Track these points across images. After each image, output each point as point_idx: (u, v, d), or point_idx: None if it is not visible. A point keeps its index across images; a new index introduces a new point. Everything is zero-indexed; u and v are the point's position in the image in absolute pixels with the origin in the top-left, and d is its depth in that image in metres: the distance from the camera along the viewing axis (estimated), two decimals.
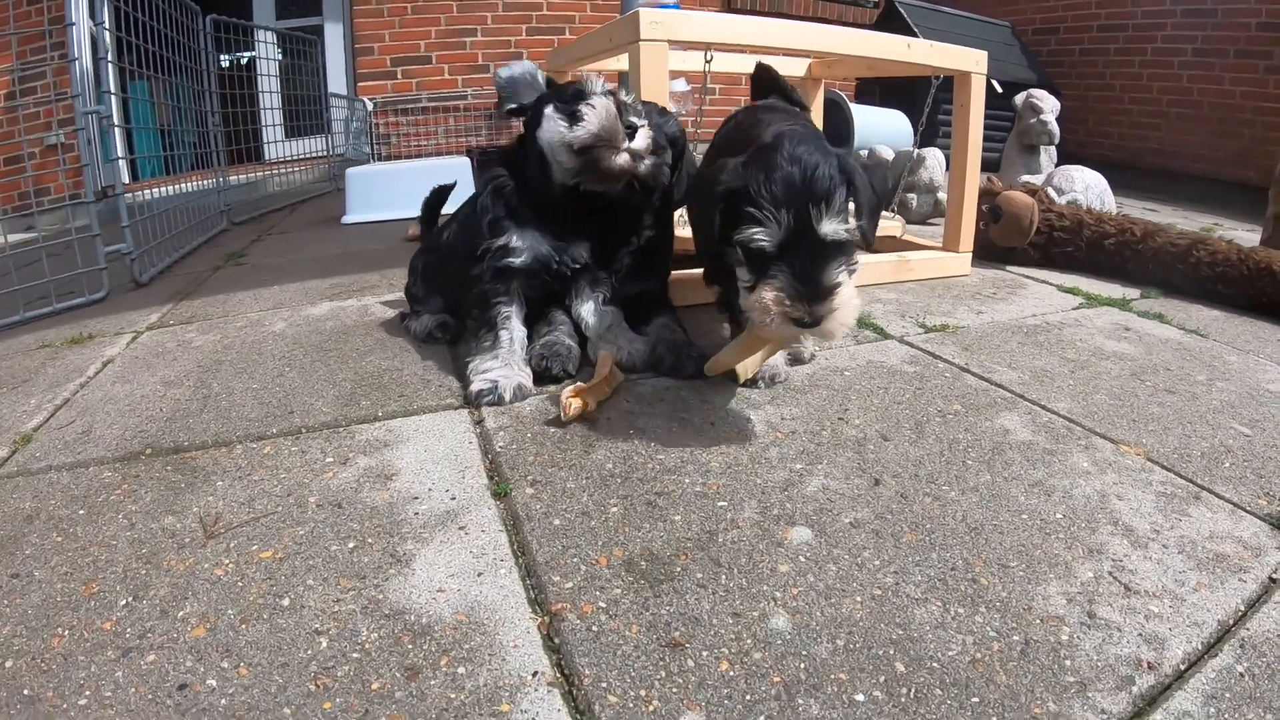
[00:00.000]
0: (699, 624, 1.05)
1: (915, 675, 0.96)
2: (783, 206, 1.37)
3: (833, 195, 1.37)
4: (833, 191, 1.37)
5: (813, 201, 1.36)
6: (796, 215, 1.37)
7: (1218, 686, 0.96)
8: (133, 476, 1.45)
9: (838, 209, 1.38)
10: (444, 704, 0.92)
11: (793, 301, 1.37)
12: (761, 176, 1.39)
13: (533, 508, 1.31)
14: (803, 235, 1.37)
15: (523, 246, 1.80)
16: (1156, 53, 5.85)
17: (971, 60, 2.58)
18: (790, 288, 1.37)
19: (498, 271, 1.79)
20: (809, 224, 1.37)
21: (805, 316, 1.36)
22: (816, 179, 1.38)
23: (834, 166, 1.40)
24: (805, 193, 1.37)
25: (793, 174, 1.38)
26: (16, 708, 0.92)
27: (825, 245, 1.38)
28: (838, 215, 1.38)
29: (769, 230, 1.38)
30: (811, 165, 1.39)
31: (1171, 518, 1.30)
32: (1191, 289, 2.64)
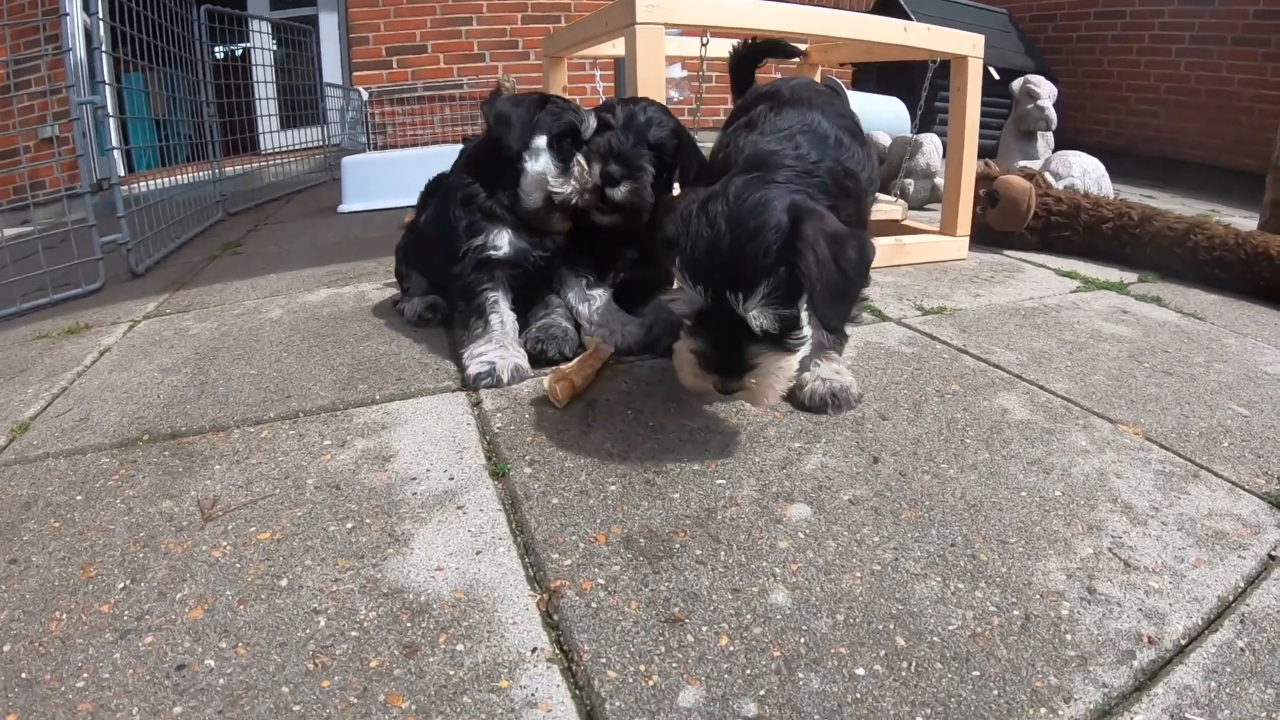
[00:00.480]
0: (698, 600, 1.04)
1: (916, 649, 0.97)
2: (699, 283, 1.22)
3: (757, 282, 1.19)
4: (760, 276, 1.19)
5: (731, 286, 1.20)
6: (715, 294, 1.22)
7: (1218, 661, 0.96)
8: (130, 462, 1.45)
9: (762, 297, 1.20)
10: (443, 680, 0.92)
11: (703, 369, 1.28)
12: (688, 239, 1.23)
13: (531, 487, 1.31)
14: (725, 308, 1.22)
15: (502, 242, 1.82)
16: (1154, 40, 5.83)
17: (969, 44, 2.57)
18: (703, 354, 1.27)
19: (479, 263, 1.81)
20: (727, 302, 1.21)
21: (716, 385, 1.29)
22: (744, 257, 1.19)
23: (776, 238, 1.20)
24: (727, 271, 1.20)
25: (720, 243, 1.20)
26: (15, 690, 0.92)
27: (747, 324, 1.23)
28: (764, 302, 1.20)
29: (688, 298, 1.26)
30: (746, 235, 1.19)
31: (1170, 495, 1.30)
32: (1189, 273, 2.64)
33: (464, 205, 1.85)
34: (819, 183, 1.37)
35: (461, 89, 5.88)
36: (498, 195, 1.83)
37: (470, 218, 1.83)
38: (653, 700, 0.89)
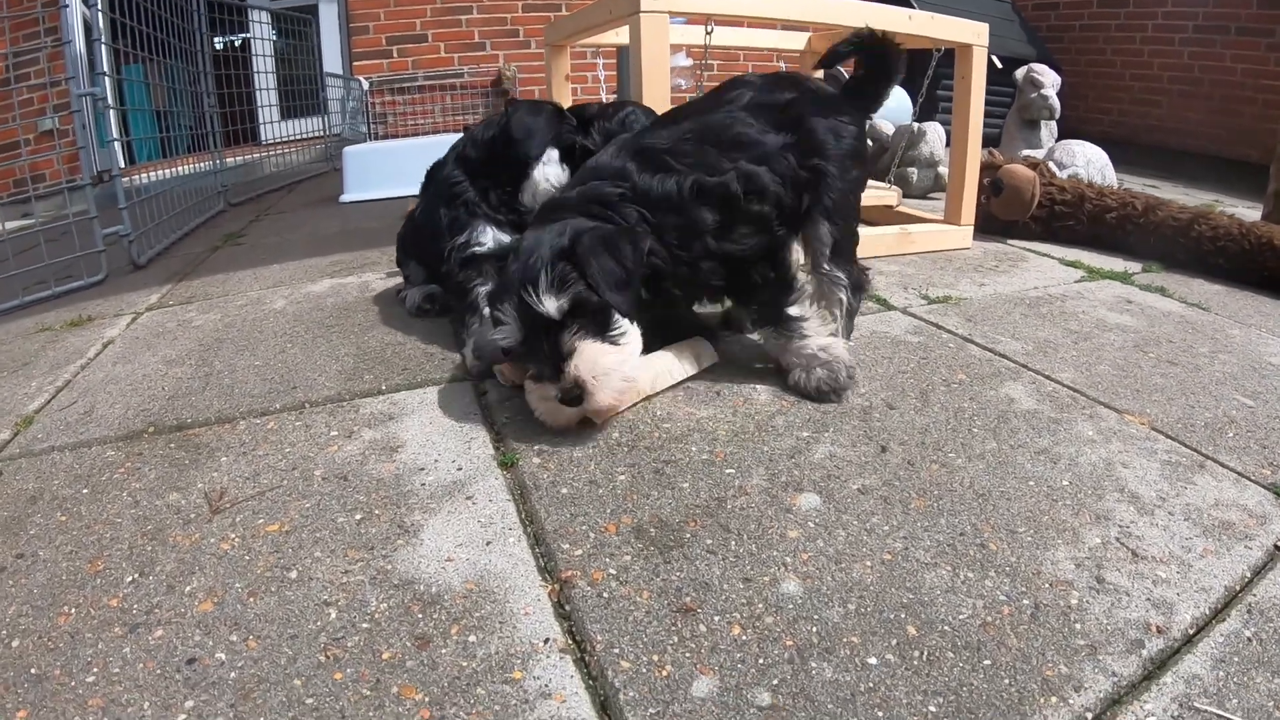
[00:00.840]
0: (710, 589, 1.04)
1: (927, 638, 0.97)
2: (505, 302, 1.39)
3: (537, 272, 1.35)
4: (541, 269, 1.36)
5: (524, 287, 1.36)
6: (519, 303, 1.37)
7: (1226, 650, 0.96)
8: (136, 455, 1.44)
9: (548, 283, 1.35)
10: (456, 672, 0.92)
11: (540, 385, 1.39)
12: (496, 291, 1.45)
13: (540, 477, 1.31)
14: (530, 318, 1.37)
15: (486, 239, 1.84)
16: (1157, 29, 5.81)
17: (973, 32, 2.56)
18: (540, 369, 1.39)
19: (465, 260, 1.82)
20: (531, 308, 1.36)
21: (556, 393, 1.36)
22: (530, 266, 1.37)
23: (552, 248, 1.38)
24: (521, 280, 1.37)
25: (514, 276, 1.39)
26: (24, 686, 0.92)
27: (554, 322, 1.36)
28: (551, 287, 1.35)
29: (505, 332, 1.40)
30: (528, 250, 1.39)
31: (1177, 485, 1.31)
32: (1193, 263, 2.63)
33: (448, 202, 1.85)
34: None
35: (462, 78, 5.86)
36: (487, 193, 1.84)
37: (454, 213, 1.84)
38: (666, 690, 0.89)
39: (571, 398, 1.36)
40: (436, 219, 1.92)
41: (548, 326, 1.36)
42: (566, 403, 1.36)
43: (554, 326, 1.36)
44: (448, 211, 1.86)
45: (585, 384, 1.35)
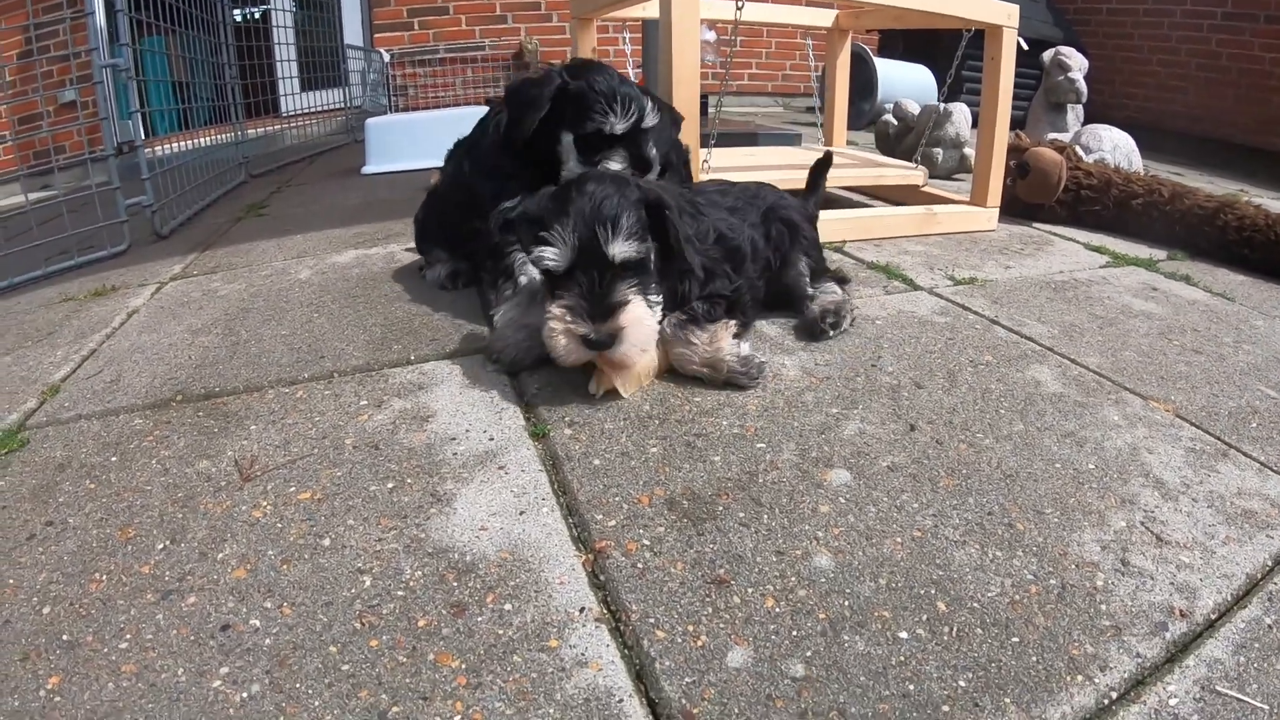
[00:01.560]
0: (743, 562, 1.05)
1: (956, 614, 0.97)
2: (563, 226, 1.38)
3: (621, 218, 1.38)
4: (620, 213, 1.38)
5: (600, 225, 1.37)
6: (584, 234, 1.38)
7: (1247, 637, 0.97)
8: (164, 423, 1.45)
9: (626, 230, 1.38)
10: (492, 640, 0.93)
11: (575, 318, 1.38)
12: (567, 204, 1.41)
13: (572, 448, 1.32)
14: (594, 254, 1.38)
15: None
16: (1186, 14, 5.72)
17: (1004, 14, 2.53)
18: (575, 302, 1.38)
19: (506, 223, 1.80)
20: (597, 246, 1.37)
21: (590, 333, 1.37)
22: (611, 208, 1.39)
23: (632, 197, 1.42)
24: (598, 218, 1.38)
25: (590, 204, 1.40)
26: (57, 653, 0.92)
27: (617, 267, 1.39)
28: (627, 235, 1.38)
29: (557, 253, 1.39)
30: (599, 193, 1.41)
31: (1201, 473, 1.31)
32: (1218, 252, 2.61)
33: (489, 175, 1.84)
34: None
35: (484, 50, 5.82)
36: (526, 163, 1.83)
37: (497, 184, 1.83)
38: (702, 660, 0.90)
39: (602, 342, 1.37)
40: (467, 190, 1.91)
41: (602, 267, 1.38)
42: (593, 344, 1.38)
43: (610, 270, 1.38)
44: (492, 184, 1.85)
45: (624, 339, 1.37)
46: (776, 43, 6.97)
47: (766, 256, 1.76)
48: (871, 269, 2.31)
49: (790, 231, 1.83)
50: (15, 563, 1.08)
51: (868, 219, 2.64)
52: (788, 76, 7.20)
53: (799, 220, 1.87)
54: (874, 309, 1.96)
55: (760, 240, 1.74)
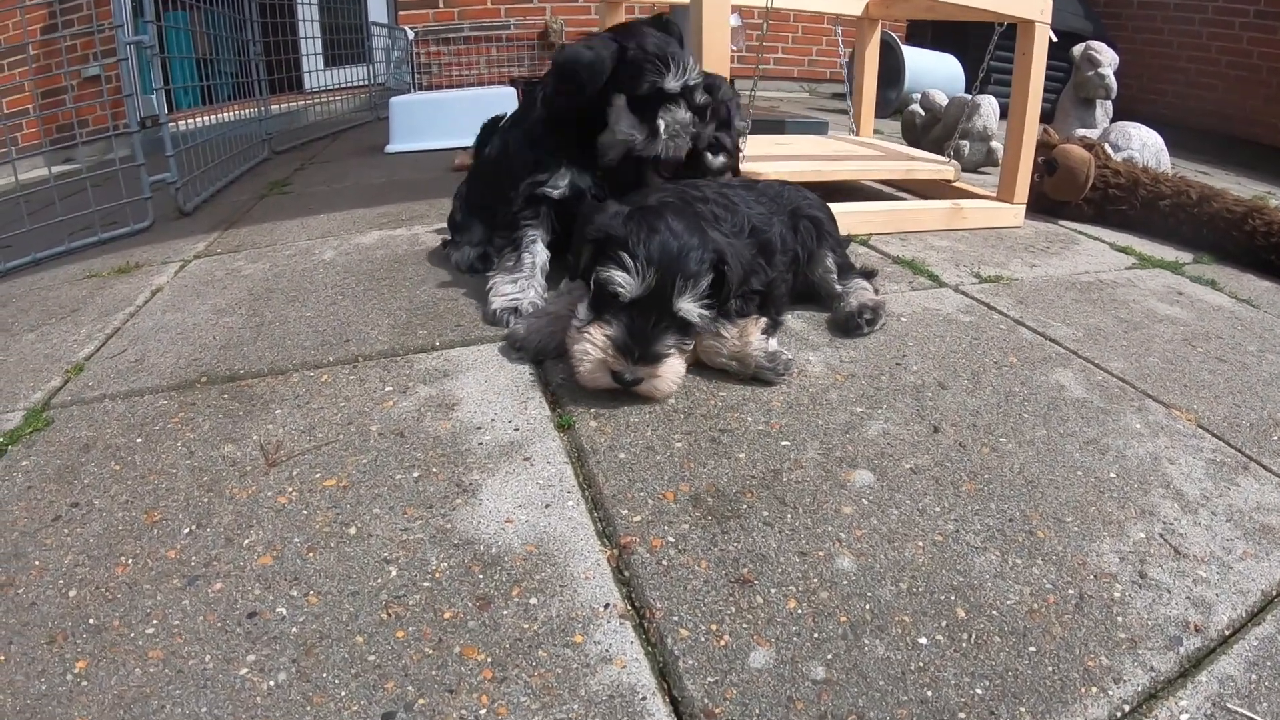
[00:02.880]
0: (766, 561, 1.06)
1: (975, 621, 0.98)
2: (641, 259, 1.37)
3: (699, 276, 1.38)
4: (700, 273, 1.39)
5: (680, 275, 1.37)
6: (658, 277, 1.37)
7: (1259, 654, 0.97)
8: (189, 405, 1.46)
9: (698, 291, 1.39)
10: (517, 634, 0.94)
11: (617, 353, 1.37)
12: (643, 234, 1.39)
13: (597, 441, 1.32)
14: (659, 298, 1.38)
15: (561, 183, 1.82)
16: (1218, 11, 5.62)
17: (1037, 8, 2.49)
18: (622, 339, 1.37)
19: (531, 198, 1.81)
20: (667, 292, 1.37)
21: (625, 372, 1.37)
22: (685, 255, 1.38)
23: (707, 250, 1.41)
24: (676, 264, 1.37)
25: (668, 242, 1.38)
26: (83, 637, 0.94)
27: (673, 317, 1.39)
28: (696, 296, 1.39)
29: (626, 282, 1.37)
30: (683, 243, 1.39)
31: (1221, 485, 1.30)
32: (1244, 257, 2.59)
33: (532, 144, 1.84)
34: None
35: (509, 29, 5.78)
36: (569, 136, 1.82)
37: (537, 154, 1.82)
38: (724, 660, 0.91)
39: (629, 383, 1.39)
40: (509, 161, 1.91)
41: (662, 313, 1.38)
42: (621, 380, 1.39)
43: (667, 319, 1.39)
44: (532, 151, 1.85)
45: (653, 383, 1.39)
46: (803, 27, 6.90)
47: (794, 250, 1.76)
48: (897, 263, 2.30)
49: (816, 229, 1.83)
50: (41, 544, 1.09)
51: (894, 212, 2.62)
52: (814, 62, 7.13)
53: (824, 218, 1.88)
54: (899, 305, 1.96)
55: (789, 235, 1.74)
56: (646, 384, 1.39)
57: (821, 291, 1.87)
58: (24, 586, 1.02)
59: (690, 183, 1.73)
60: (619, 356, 1.37)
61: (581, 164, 1.86)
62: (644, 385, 1.39)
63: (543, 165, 1.81)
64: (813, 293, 1.88)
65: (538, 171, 1.82)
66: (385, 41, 5.61)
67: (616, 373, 1.38)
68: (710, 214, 1.56)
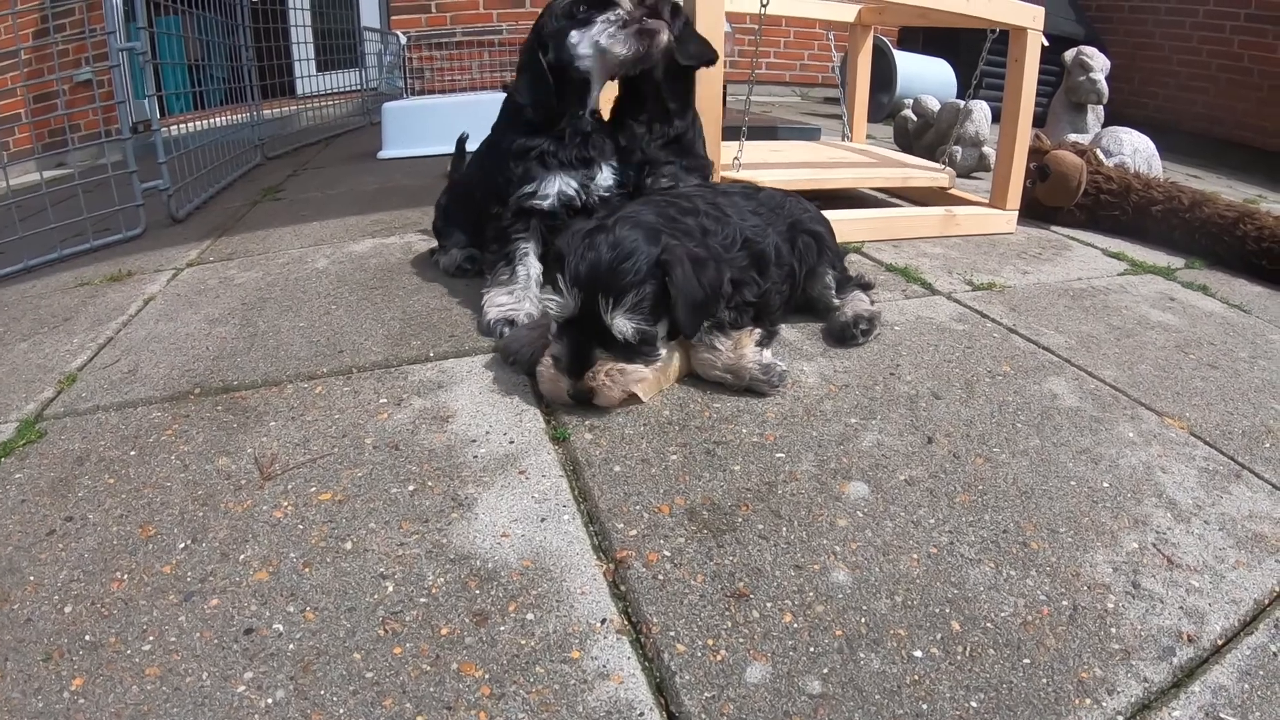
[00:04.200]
0: (762, 575, 1.06)
1: (970, 634, 0.98)
2: (575, 288, 1.38)
3: (626, 291, 1.37)
4: (628, 287, 1.37)
5: (604, 293, 1.37)
6: (587, 300, 1.37)
7: (1252, 664, 0.98)
8: (183, 416, 1.45)
9: (628, 306, 1.37)
10: (515, 650, 0.94)
11: (557, 373, 1.42)
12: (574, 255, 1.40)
13: (592, 453, 1.32)
14: (591, 315, 1.38)
15: (550, 190, 1.81)
16: (1209, 15, 5.65)
17: (1029, 15, 2.51)
18: (559, 357, 1.42)
19: (521, 210, 1.81)
20: (595, 312, 1.37)
21: (568, 389, 1.41)
22: (618, 271, 1.37)
23: (646, 260, 1.39)
24: (602, 281, 1.37)
25: (600, 260, 1.38)
26: (79, 653, 0.93)
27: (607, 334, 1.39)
28: (629, 312, 1.37)
29: (560, 304, 1.40)
30: (623, 255, 1.38)
31: (1213, 494, 1.31)
32: (1236, 262, 2.60)
33: (518, 156, 1.83)
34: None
35: (501, 34, 5.75)
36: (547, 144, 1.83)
37: (525, 165, 1.82)
38: (721, 675, 0.91)
39: (579, 398, 1.42)
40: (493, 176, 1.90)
41: (594, 331, 1.39)
42: (572, 397, 1.42)
43: (592, 335, 1.40)
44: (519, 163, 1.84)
45: (599, 389, 1.41)
46: (795, 32, 6.92)
47: (791, 264, 1.76)
48: (890, 271, 2.30)
49: (817, 244, 1.84)
50: (35, 559, 1.09)
51: (887, 220, 2.63)
52: (805, 66, 7.15)
53: (824, 232, 1.88)
54: (893, 314, 1.96)
55: (785, 248, 1.75)
56: (596, 400, 1.42)
57: (819, 305, 1.88)
58: (19, 602, 1.01)
59: (684, 194, 1.73)
60: (559, 377, 1.42)
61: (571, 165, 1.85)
62: (597, 398, 1.42)
63: (530, 175, 1.81)
64: (810, 305, 1.89)
65: (525, 182, 1.82)
66: (378, 46, 5.59)
67: (560, 391, 1.42)
68: (698, 226, 1.55)
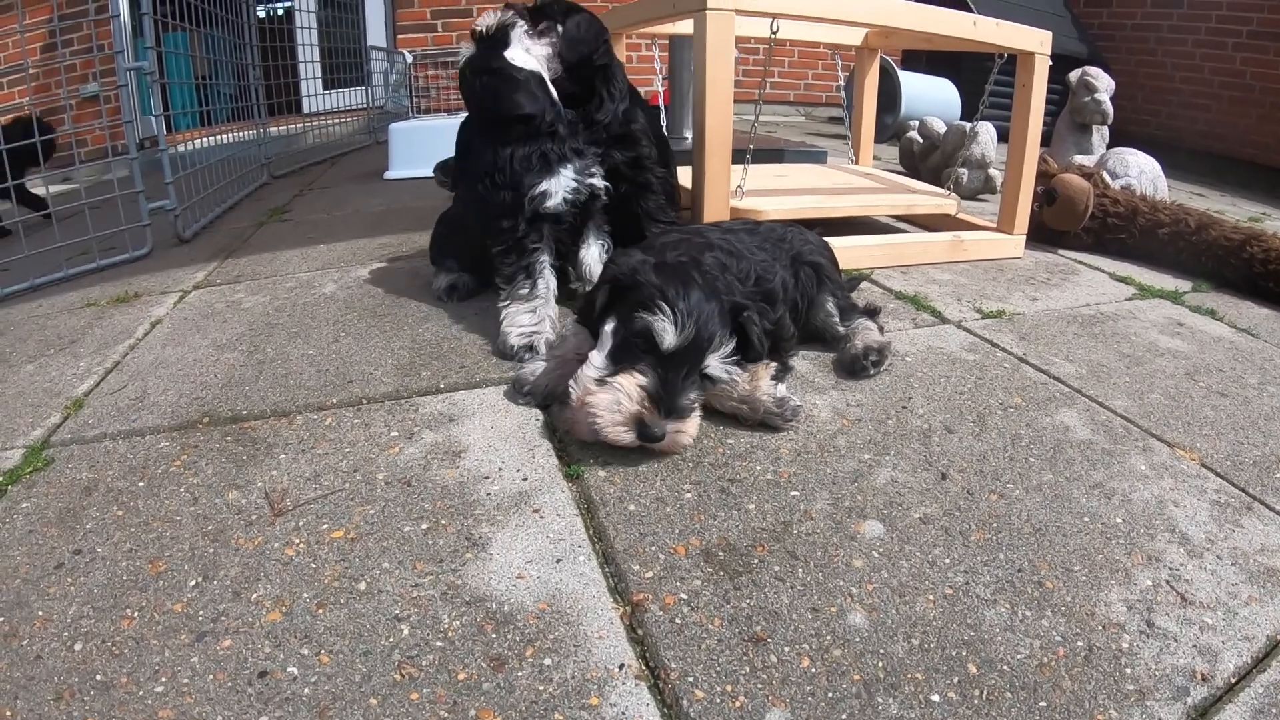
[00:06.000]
0: (779, 619, 1.05)
1: (987, 677, 0.98)
2: (691, 317, 1.37)
3: (723, 338, 1.40)
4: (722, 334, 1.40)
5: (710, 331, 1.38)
6: (691, 330, 1.37)
7: (1265, 702, 0.97)
8: (191, 447, 1.44)
9: (724, 354, 1.41)
10: (533, 696, 0.93)
11: (651, 405, 1.34)
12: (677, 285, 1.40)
13: (606, 491, 1.31)
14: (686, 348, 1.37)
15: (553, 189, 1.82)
16: (1211, 32, 5.68)
17: (1036, 40, 2.51)
18: (655, 390, 1.35)
19: (534, 217, 1.82)
20: (701, 346, 1.38)
21: (655, 427, 1.34)
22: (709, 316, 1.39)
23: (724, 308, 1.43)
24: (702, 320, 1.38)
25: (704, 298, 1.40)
26: (90, 694, 0.92)
27: (699, 372, 1.40)
28: (723, 358, 1.41)
29: (661, 329, 1.36)
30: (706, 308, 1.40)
31: (1225, 528, 1.31)
32: (1242, 284, 2.60)
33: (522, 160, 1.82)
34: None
35: None
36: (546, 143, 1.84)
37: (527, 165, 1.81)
38: None
39: (657, 436, 1.35)
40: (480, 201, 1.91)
41: (691, 367, 1.38)
42: (647, 435, 1.35)
43: (690, 372, 1.38)
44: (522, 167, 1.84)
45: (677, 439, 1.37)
46: (799, 51, 6.96)
47: (794, 299, 1.77)
48: (899, 299, 2.30)
49: (816, 274, 1.85)
50: (44, 593, 1.08)
51: (895, 246, 2.63)
52: (810, 86, 7.18)
53: (824, 262, 1.89)
54: (903, 344, 1.96)
55: (790, 281, 1.76)
56: (669, 439, 1.36)
57: (826, 335, 1.88)
58: (28, 638, 1.00)
59: (696, 229, 1.74)
60: (652, 407, 1.34)
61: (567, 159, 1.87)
62: (666, 440, 1.36)
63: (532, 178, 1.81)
64: (817, 335, 1.89)
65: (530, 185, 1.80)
66: (384, 65, 5.62)
67: (645, 426, 1.34)
68: (717, 263, 1.56)
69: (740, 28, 2.68)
